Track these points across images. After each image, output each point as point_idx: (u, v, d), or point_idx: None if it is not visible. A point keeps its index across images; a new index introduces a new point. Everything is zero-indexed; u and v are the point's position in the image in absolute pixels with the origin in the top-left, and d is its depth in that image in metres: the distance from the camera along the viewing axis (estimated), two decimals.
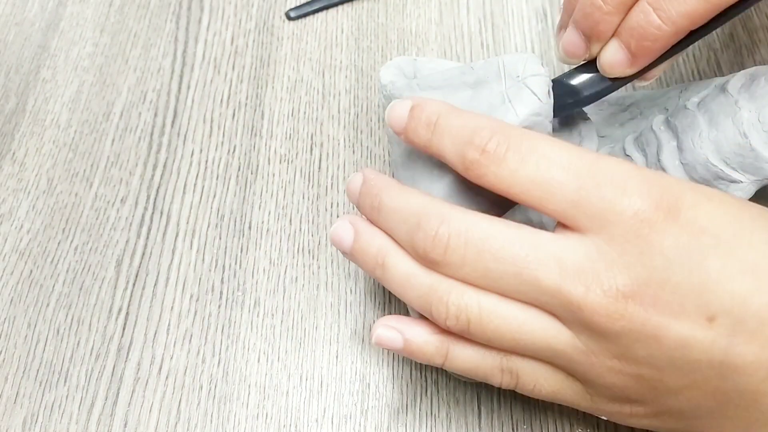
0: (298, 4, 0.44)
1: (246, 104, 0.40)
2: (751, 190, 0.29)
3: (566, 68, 0.30)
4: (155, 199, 0.37)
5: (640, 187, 0.23)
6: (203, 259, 0.35)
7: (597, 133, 0.31)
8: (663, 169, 0.30)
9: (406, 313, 0.33)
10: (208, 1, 0.45)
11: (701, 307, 0.22)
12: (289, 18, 0.43)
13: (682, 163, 0.30)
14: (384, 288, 0.34)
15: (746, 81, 0.29)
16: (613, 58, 0.28)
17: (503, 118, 0.27)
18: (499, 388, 0.31)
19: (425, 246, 0.24)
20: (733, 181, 0.29)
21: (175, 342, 0.33)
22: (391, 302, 0.34)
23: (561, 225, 0.24)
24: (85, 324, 0.34)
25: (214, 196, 0.37)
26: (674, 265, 0.22)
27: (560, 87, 0.29)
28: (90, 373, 0.32)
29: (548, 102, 0.27)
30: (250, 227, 0.36)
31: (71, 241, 0.36)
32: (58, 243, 0.36)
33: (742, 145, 0.28)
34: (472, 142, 0.24)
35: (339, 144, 0.39)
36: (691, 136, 0.29)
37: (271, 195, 0.37)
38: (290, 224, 0.36)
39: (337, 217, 0.36)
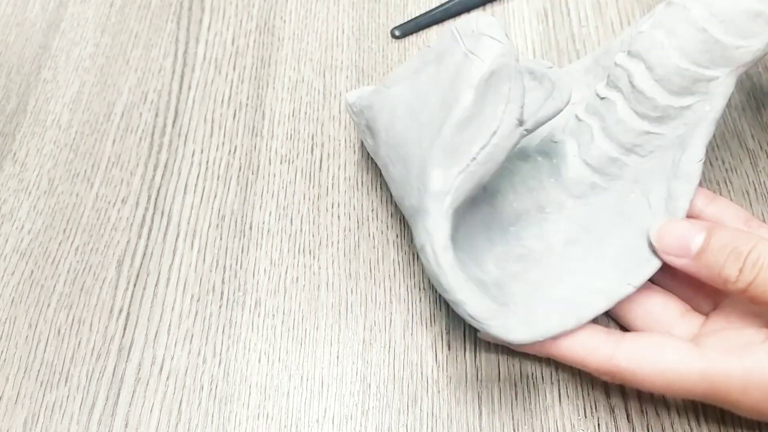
0: (404, 21, 0.43)
1: (247, 104, 0.40)
2: (730, 82, 0.30)
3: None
4: (156, 199, 0.37)
5: None
6: (204, 260, 0.35)
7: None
8: (641, 92, 0.30)
9: (407, 313, 0.33)
10: (209, 1, 0.45)
11: None
12: (395, 37, 0.42)
13: (656, 81, 0.30)
14: (384, 288, 0.34)
15: None
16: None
17: (471, 69, 0.27)
18: (499, 388, 0.31)
19: None
20: (711, 79, 0.29)
21: (175, 342, 0.33)
22: (392, 302, 0.34)
23: None
24: (86, 324, 0.34)
25: (215, 197, 0.37)
26: None
27: None
28: (91, 373, 0.32)
29: (508, 42, 0.28)
30: (250, 228, 0.36)
31: (72, 242, 0.36)
32: (59, 243, 0.36)
33: (704, 40, 0.29)
34: None
35: (340, 144, 0.39)
36: (655, 53, 0.30)
37: (272, 195, 0.37)
38: (291, 225, 0.36)
39: (338, 218, 0.36)
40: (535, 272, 0.31)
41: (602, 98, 0.32)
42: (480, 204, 0.32)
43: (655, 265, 0.30)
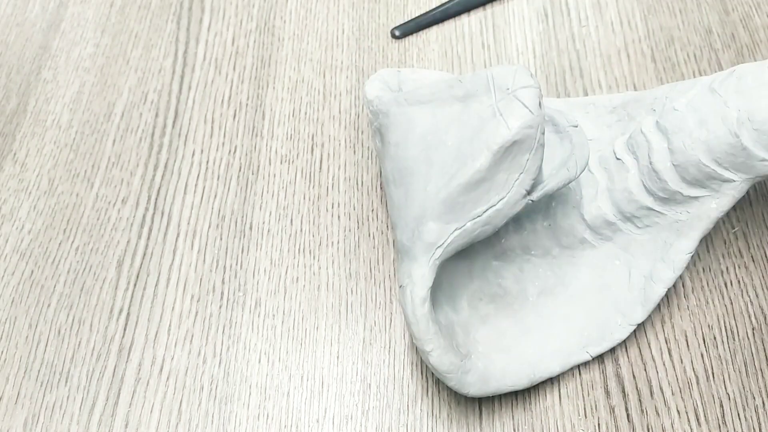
0: (404, 21, 0.43)
1: (247, 105, 0.40)
2: (744, 188, 0.29)
3: (569, 73, 0.30)
4: (156, 199, 0.37)
5: None
6: (204, 260, 0.35)
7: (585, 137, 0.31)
8: (655, 172, 0.30)
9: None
10: (209, 1, 0.45)
11: None
12: (395, 37, 0.42)
13: (673, 165, 0.30)
14: (384, 288, 0.34)
15: (734, 79, 0.29)
16: None
17: (495, 132, 0.27)
18: None
19: None
20: (726, 181, 0.29)
21: (176, 342, 0.33)
22: (392, 302, 0.34)
23: None
24: (86, 324, 0.34)
25: (215, 197, 0.37)
26: None
27: None
28: (91, 373, 0.32)
29: (539, 114, 0.27)
30: (251, 228, 0.36)
31: (72, 242, 0.36)
32: (59, 243, 0.36)
33: (733, 144, 0.28)
34: None
35: (340, 144, 0.39)
36: (681, 138, 0.29)
37: (272, 195, 0.37)
38: (291, 225, 0.36)
39: (338, 218, 0.36)
40: (504, 319, 0.31)
41: (617, 159, 0.32)
42: None
43: (617, 339, 0.31)
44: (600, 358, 0.32)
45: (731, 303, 0.33)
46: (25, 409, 0.32)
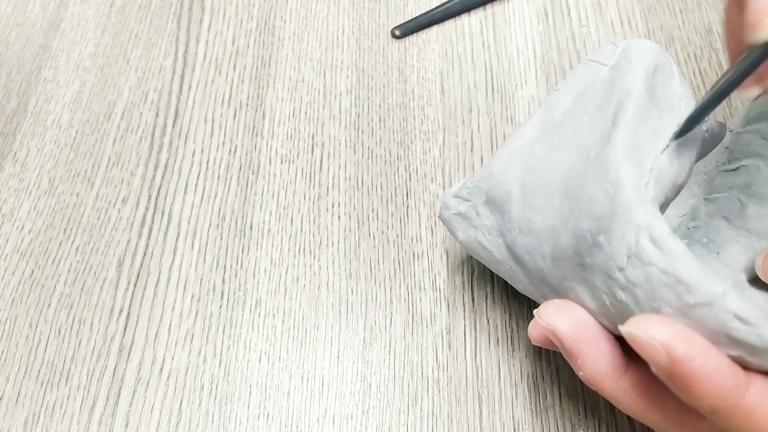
0: (404, 21, 0.43)
1: (247, 104, 0.40)
2: None
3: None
4: (156, 199, 0.37)
5: None
6: (204, 260, 0.35)
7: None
8: None
9: (407, 313, 0.33)
10: (209, 1, 0.45)
11: None
12: (395, 36, 0.42)
13: None
14: (384, 288, 0.34)
15: None
16: None
17: (632, 68, 0.24)
18: (499, 388, 0.31)
19: None
20: None
21: (176, 342, 0.33)
22: (392, 302, 0.34)
23: None
24: (86, 324, 0.34)
25: (216, 197, 0.37)
26: None
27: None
28: (91, 373, 0.32)
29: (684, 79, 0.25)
30: (251, 227, 0.36)
31: (72, 242, 0.36)
32: (60, 243, 0.36)
33: None
34: None
35: (340, 144, 0.39)
36: None
37: (273, 195, 0.37)
38: (291, 224, 0.36)
39: (338, 217, 0.36)
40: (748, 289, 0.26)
41: (734, 170, 0.30)
42: None
43: None
44: None
45: None
46: (26, 408, 0.32)
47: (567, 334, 0.24)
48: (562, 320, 0.24)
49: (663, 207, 0.24)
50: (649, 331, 0.21)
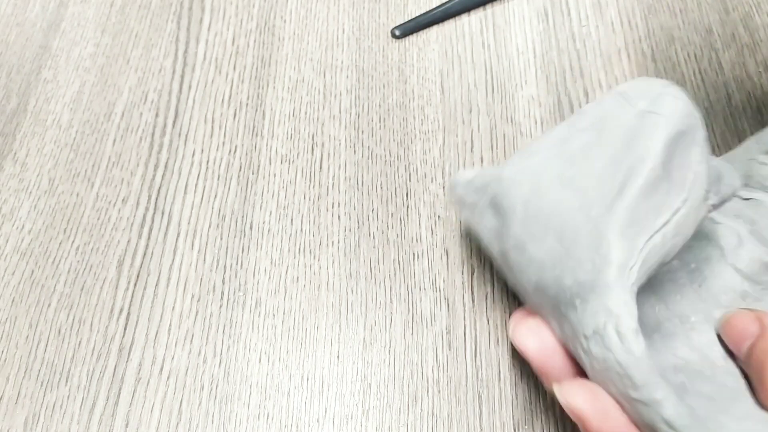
0: (404, 21, 0.43)
1: (247, 104, 0.40)
2: None
3: (569, 72, 0.30)
4: (156, 199, 0.37)
5: None
6: (204, 260, 0.35)
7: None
8: None
9: (407, 313, 0.33)
10: (209, 1, 0.45)
11: None
12: (395, 36, 0.42)
13: None
14: (384, 288, 0.34)
15: None
16: None
17: (655, 127, 0.24)
18: (499, 388, 0.31)
19: None
20: None
21: (176, 342, 0.33)
22: (392, 302, 0.34)
23: None
24: (86, 324, 0.34)
25: (216, 197, 0.37)
26: None
27: None
28: (91, 373, 0.32)
29: (694, 107, 0.24)
30: (251, 227, 0.36)
31: (72, 242, 0.36)
32: (60, 243, 0.36)
33: None
34: None
35: (340, 144, 0.39)
36: None
37: (273, 195, 0.37)
38: (291, 224, 0.36)
39: (338, 217, 0.36)
40: (702, 384, 0.26)
41: (746, 199, 0.29)
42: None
43: None
44: None
45: None
46: (26, 408, 0.32)
47: (535, 357, 0.26)
48: (531, 343, 0.26)
49: (644, 285, 0.24)
50: (570, 400, 0.25)
